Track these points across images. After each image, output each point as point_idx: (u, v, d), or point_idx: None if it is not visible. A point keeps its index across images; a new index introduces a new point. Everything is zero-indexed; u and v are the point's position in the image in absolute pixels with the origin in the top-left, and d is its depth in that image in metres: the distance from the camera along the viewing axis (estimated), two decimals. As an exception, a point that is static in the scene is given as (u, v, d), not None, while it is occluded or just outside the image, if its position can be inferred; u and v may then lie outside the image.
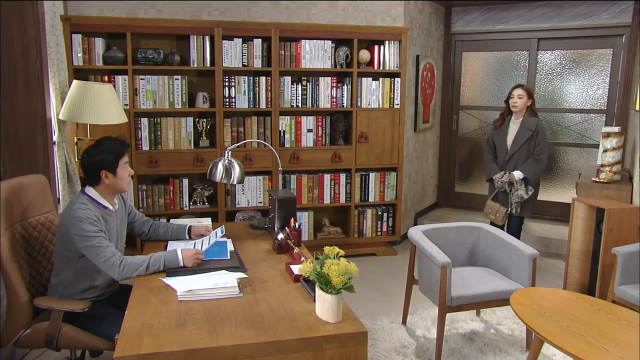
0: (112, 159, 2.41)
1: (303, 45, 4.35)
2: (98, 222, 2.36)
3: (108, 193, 2.49)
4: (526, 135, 4.07)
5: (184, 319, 1.97)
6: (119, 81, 4.03)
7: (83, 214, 2.32)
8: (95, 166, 2.41)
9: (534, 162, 4.07)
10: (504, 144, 4.19)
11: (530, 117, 4.11)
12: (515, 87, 4.15)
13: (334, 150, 4.53)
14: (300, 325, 1.92)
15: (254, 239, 2.96)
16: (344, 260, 1.94)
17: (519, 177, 4.08)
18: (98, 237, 2.32)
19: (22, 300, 2.34)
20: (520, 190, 4.10)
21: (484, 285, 3.07)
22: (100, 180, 2.43)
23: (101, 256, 2.30)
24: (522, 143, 4.08)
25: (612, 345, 2.18)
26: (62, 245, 2.42)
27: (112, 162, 2.41)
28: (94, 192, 2.45)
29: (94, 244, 2.30)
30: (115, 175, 2.43)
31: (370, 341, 3.28)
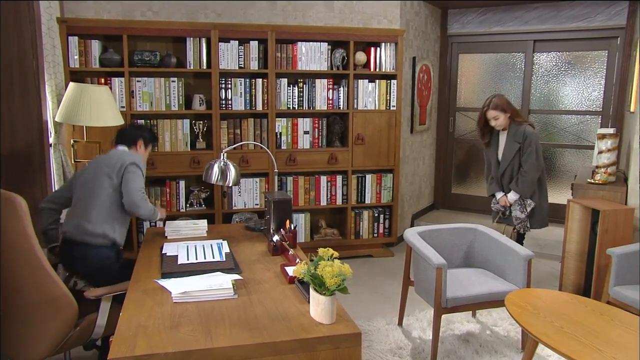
0: (149, 138, 3.10)
1: (299, 47, 4.36)
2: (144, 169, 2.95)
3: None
4: (514, 148, 3.76)
5: (178, 320, 1.97)
6: (115, 83, 4.04)
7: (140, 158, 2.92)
8: (138, 135, 3.05)
9: (521, 178, 3.76)
10: (494, 159, 3.92)
11: (516, 126, 3.75)
12: (487, 109, 3.74)
13: (330, 152, 4.53)
14: (295, 326, 1.93)
15: (250, 240, 2.96)
16: (338, 262, 1.95)
17: (513, 200, 3.83)
18: (143, 176, 2.89)
19: (69, 298, 2.33)
20: (515, 212, 3.84)
21: (480, 286, 3.08)
22: (134, 146, 3.02)
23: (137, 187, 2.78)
24: (511, 157, 3.78)
25: (606, 345, 2.19)
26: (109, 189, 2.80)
27: (148, 140, 3.09)
28: (126, 149, 3.00)
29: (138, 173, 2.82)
30: (145, 150, 3.08)
31: (366, 342, 3.28)
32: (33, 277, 2.30)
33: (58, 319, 2.35)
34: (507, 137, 3.81)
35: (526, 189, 3.77)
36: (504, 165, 3.84)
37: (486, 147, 3.98)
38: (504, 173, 3.86)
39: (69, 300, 2.34)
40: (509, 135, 3.78)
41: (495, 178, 3.93)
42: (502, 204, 3.90)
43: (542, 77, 5.55)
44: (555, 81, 5.49)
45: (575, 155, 5.50)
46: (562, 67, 5.44)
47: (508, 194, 3.86)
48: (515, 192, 3.81)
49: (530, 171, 3.72)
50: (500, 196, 3.91)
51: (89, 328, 2.50)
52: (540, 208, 3.85)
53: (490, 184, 4.00)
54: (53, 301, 2.32)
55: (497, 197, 3.94)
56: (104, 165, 2.82)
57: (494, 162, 3.93)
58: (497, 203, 3.95)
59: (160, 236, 3.02)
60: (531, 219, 3.85)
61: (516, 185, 3.79)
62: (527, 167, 3.72)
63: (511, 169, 3.82)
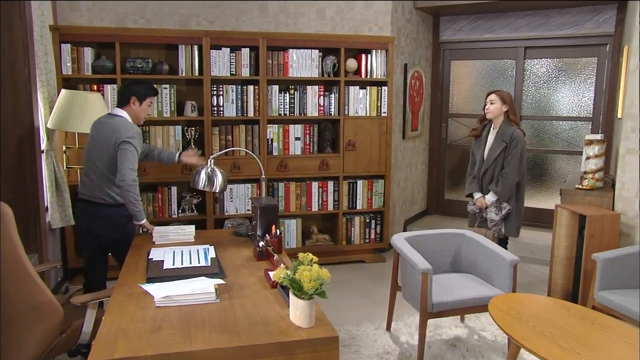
0: (143, 92, 3.07)
1: (290, 54, 4.40)
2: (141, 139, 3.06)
3: (133, 118, 3.08)
4: (500, 147, 3.78)
5: (159, 324, 1.99)
6: (108, 90, 4.08)
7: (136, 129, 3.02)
8: (130, 92, 3.05)
9: (501, 179, 3.78)
10: (480, 156, 3.94)
11: (507, 126, 3.79)
12: (490, 93, 3.86)
13: (321, 158, 4.57)
14: (274, 330, 1.95)
15: (237, 245, 2.99)
16: (316, 267, 1.97)
17: (490, 201, 3.85)
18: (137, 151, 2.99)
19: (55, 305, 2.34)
20: (490, 213, 3.86)
21: (466, 291, 3.10)
22: (129, 104, 3.05)
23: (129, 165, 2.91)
24: (495, 156, 3.80)
25: (584, 349, 2.21)
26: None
27: (142, 95, 3.06)
28: (125, 114, 3.06)
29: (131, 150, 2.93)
30: (141, 105, 3.07)
31: (354, 347, 3.30)
32: (18, 284, 2.31)
33: (43, 325, 2.36)
34: (495, 136, 3.85)
35: (505, 191, 3.80)
36: (488, 163, 3.85)
37: (474, 141, 4.02)
38: (486, 171, 3.88)
39: (54, 306, 2.36)
40: (498, 134, 3.83)
41: (477, 176, 3.95)
42: (479, 205, 3.93)
43: (534, 84, 5.59)
44: (547, 87, 5.53)
45: (566, 161, 5.53)
46: (553, 73, 5.49)
47: (486, 196, 3.89)
48: (494, 194, 3.83)
49: (511, 174, 3.76)
50: (477, 197, 3.94)
51: (75, 334, 2.52)
52: (516, 214, 3.88)
53: (470, 182, 4.02)
54: (38, 308, 2.34)
55: (474, 198, 3.98)
56: (106, 135, 3.00)
57: (478, 158, 3.95)
58: (474, 204, 3.98)
59: (148, 241, 3.04)
60: (506, 225, 3.88)
61: (495, 186, 3.82)
62: (508, 169, 3.76)
63: (493, 169, 3.84)
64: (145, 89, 3.11)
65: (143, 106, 3.11)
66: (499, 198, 3.83)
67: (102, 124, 3.09)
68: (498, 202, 3.84)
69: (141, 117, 3.14)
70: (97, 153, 3.02)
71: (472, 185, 4.00)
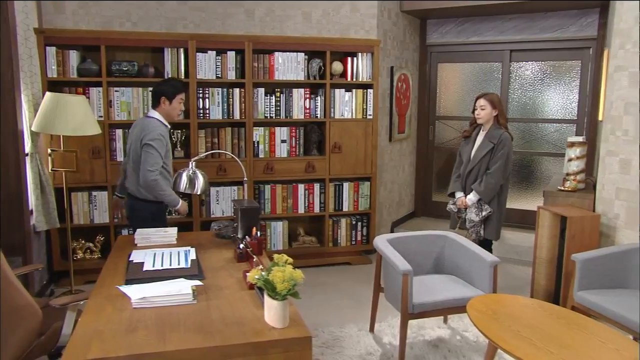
0: (171, 92, 3.26)
1: (276, 57, 4.43)
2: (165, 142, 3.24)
3: (165, 116, 3.30)
4: (487, 147, 3.79)
5: (135, 325, 2.01)
6: (93, 93, 4.09)
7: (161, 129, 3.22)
8: (159, 93, 3.26)
9: (485, 178, 3.79)
10: (467, 157, 3.96)
11: (496, 129, 3.82)
12: (478, 97, 3.88)
13: (307, 161, 4.59)
14: (248, 330, 1.97)
15: (218, 247, 3.01)
16: (289, 267, 2.00)
17: (472, 201, 3.85)
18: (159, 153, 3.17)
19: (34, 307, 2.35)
20: (470, 214, 3.86)
21: (446, 292, 3.13)
22: (160, 104, 3.27)
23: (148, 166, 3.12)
24: (482, 156, 3.81)
25: (558, 348, 2.24)
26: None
27: (170, 94, 3.25)
28: (157, 114, 3.28)
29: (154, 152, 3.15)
30: (171, 104, 3.27)
31: (336, 348, 3.32)
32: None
33: (22, 328, 2.36)
34: (484, 137, 3.87)
35: (488, 192, 3.79)
36: (474, 163, 3.87)
37: (464, 143, 4.02)
38: (471, 171, 3.89)
39: (33, 309, 2.37)
40: (486, 136, 3.85)
41: (462, 175, 3.96)
42: (460, 205, 3.94)
43: (520, 86, 5.64)
44: (533, 90, 5.58)
45: (552, 163, 5.57)
46: (539, 76, 5.53)
47: (468, 195, 3.90)
48: (476, 193, 3.82)
49: (496, 175, 3.76)
50: (459, 196, 3.96)
51: (55, 337, 2.52)
52: (497, 217, 3.87)
53: (454, 181, 4.03)
54: (17, 310, 2.34)
55: (456, 197, 3.99)
56: (136, 136, 3.27)
57: (465, 158, 3.97)
58: (454, 203, 3.99)
59: (130, 244, 3.06)
60: (486, 227, 3.87)
61: (479, 186, 3.81)
62: (494, 170, 3.76)
63: (478, 169, 3.85)
64: (172, 87, 3.29)
65: (174, 104, 3.29)
66: (481, 198, 3.82)
67: (136, 125, 3.35)
68: (479, 203, 3.85)
69: (174, 115, 3.34)
70: (132, 151, 3.32)
71: (455, 184, 4.01)
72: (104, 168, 4.16)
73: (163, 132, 3.25)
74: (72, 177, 4.00)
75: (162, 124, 3.29)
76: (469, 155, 3.94)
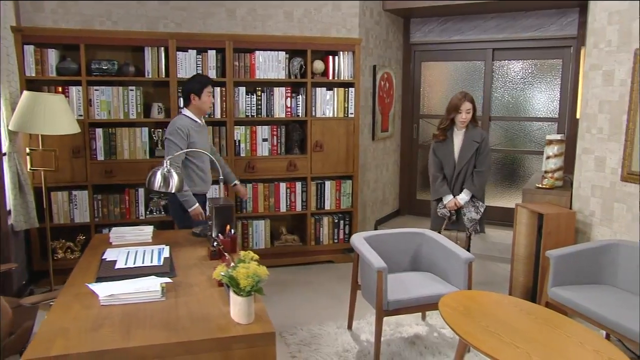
0: (197, 87, 3.42)
1: (257, 56, 4.43)
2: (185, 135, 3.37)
3: (197, 112, 3.49)
4: (473, 147, 3.85)
5: (101, 322, 2.01)
6: (73, 92, 4.08)
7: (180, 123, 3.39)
8: (187, 91, 3.43)
9: (477, 176, 3.87)
10: (450, 159, 3.93)
11: (473, 127, 3.88)
12: (463, 100, 3.79)
13: (289, 159, 4.60)
14: (213, 326, 1.98)
15: (193, 245, 3.01)
16: (254, 264, 2.01)
17: (464, 201, 3.90)
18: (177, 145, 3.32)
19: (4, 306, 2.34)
20: (470, 213, 3.90)
21: (421, 289, 3.15)
22: (190, 101, 3.45)
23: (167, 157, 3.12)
24: (469, 157, 3.86)
25: (524, 342, 2.26)
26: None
27: (198, 89, 3.42)
28: (187, 111, 3.48)
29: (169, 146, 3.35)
30: (200, 99, 3.43)
31: (314, 346, 3.33)
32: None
33: None
34: (464, 137, 3.88)
35: (481, 189, 3.93)
36: (461, 165, 3.88)
37: (440, 145, 3.94)
38: (459, 174, 3.91)
39: (3, 309, 2.37)
40: (467, 136, 3.86)
41: (448, 179, 3.95)
42: (450, 208, 3.95)
43: (503, 85, 5.67)
44: (516, 89, 5.62)
45: (534, 161, 5.61)
46: (522, 75, 5.57)
47: (458, 196, 3.93)
48: (469, 192, 3.89)
49: (487, 172, 3.93)
50: (449, 200, 3.96)
51: (25, 335, 2.53)
52: (486, 211, 3.99)
53: (440, 186, 3.97)
54: (-15, 309, 2.35)
55: (444, 201, 3.99)
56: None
57: (448, 161, 3.93)
58: (444, 207, 3.98)
59: (105, 242, 3.05)
60: (480, 222, 3.95)
61: (472, 184, 3.88)
62: (484, 168, 3.89)
63: (466, 170, 3.90)
64: (198, 82, 3.44)
65: (203, 98, 3.45)
66: (474, 196, 3.90)
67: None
68: (473, 200, 3.91)
69: (205, 108, 3.51)
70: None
71: (442, 188, 3.97)
72: (84, 167, 4.15)
73: (183, 126, 3.37)
74: (51, 177, 4.00)
75: (188, 119, 3.44)
76: (451, 157, 3.93)
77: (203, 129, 3.60)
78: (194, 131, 3.45)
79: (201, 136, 3.53)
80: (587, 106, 3.75)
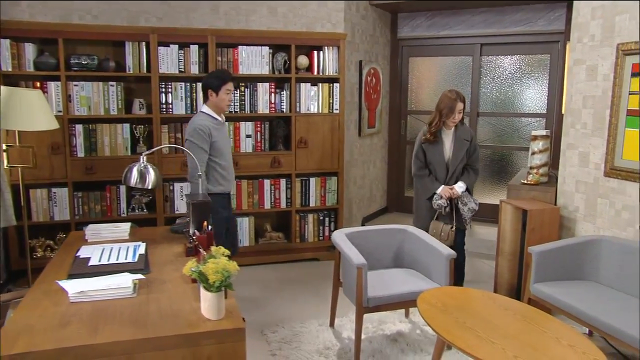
0: (216, 84, 3.29)
1: (240, 51, 4.38)
2: (207, 135, 3.25)
3: (215, 109, 3.36)
4: (464, 146, 3.78)
5: (69, 319, 1.96)
6: (51, 87, 4.02)
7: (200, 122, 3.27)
8: (205, 86, 3.33)
9: (473, 173, 3.86)
10: (441, 159, 3.81)
11: (462, 125, 3.83)
12: (457, 101, 3.67)
13: (273, 156, 4.55)
14: (183, 322, 1.94)
15: (170, 242, 2.96)
16: (224, 259, 1.97)
17: (461, 191, 3.80)
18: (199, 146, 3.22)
19: None
20: (470, 203, 3.79)
21: (402, 285, 3.12)
22: (208, 98, 3.33)
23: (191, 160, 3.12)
24: (462, 156, 3.80)
25: (500, 338, 2.24)
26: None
27: (216, 86, 3.29)
28: (206, 108, 3.37)
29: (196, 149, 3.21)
30: (217, 95, 3.30)
31: (294, 344, 3.30)
32: None
33: None
34: (454, 137, 3.80)
35: (474, 183, 3.96)
36: (455, 164, 3.80)
37: (430, 146, 3.81)
38: (453, 173, 3.82)
39: None
40: (457, 135, 3.79)
41: (441, 179, 3.82)
42: (445, 194, 3.76)
43: (491, 80, 5.64)
44: (504, 84, 5.59)
45: (523, 157, 5.59)
46: (510, 70, 5.55)
47: (455, 184, 3.80)
48: (464, 184, 3.82)
49: (479, 168, 3.96)
50: (441, 189, 3.79)
51: None
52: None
53: (431, 182, 3.82)
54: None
55: (438, 192, 3.79)
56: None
57: (439, 162, 3.82)
58: (441, 198, 3.77)
59: (81, 239, 3.00)
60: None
61: (468, 179, 3.86)
62: (478, 164, 3.91)
63: (459, 169, 3.86)
64: (216, 78, 3.32)
65: (221, 95, 3.32)
66: (468, 189, 3.86)
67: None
68: (467, 193, 3.84)
69: (222, 106, 3.37)
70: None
71: (435, 183, 3.82)
72: (64, 164, 4.09)
73: (202, 125, 3.25)
74: (30, 174, 3.93)
75: (208, 117, 3.33)
76: (442, 158, 3.82)
77: (223, 126, 3.45)
78: (214, 129, 3.31)
79: (221, 134, 3.41)
80: (571, 101, 3.73)
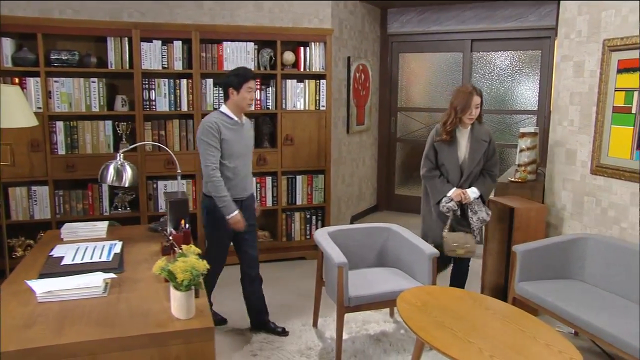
0: (236, 82, 3.12)
1: (224, 47, 4.32)
2: (216, 131, 3.07)
3: (235, 109, 3.18)
4: (482, 148, 3.34)
5: (35, 319, 1.92)
6: (30, 83, 3.94)
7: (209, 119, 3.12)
8: (226, 84, 3.17)
9: (490, 179, 3.40)
10: (454, 161, 3.37)
11: (479, 124, 3.38)
12: (473, 94, 3.25)
13: (259, 153, 4.49)
14: (151, 322, 1.90)
15: (147, 241, 2.91)
16: (193, 258, 1.92)
17: (474, 197, 3.34)
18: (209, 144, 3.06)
19: None
20: (481, 212, 3.37)
21: (384, 285, 3.07)
22: (229, 97, 3.17)
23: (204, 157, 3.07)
24: (479, 158, 3.35)
25: (478, 338, 2.19)
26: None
27: (236, 84, 3.11)
28: (224, 107, 3.21)
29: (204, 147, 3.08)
30: (238, 93, 3.12)
31: (277, 344, 3.25)
32: None
33: None
34: (471, 136, 3.36)
35: (490, 190, 3.48)
36: (471, 168, 3.36)
37: (444, 146, 3.37)
38: (468, 177, 3.38)
39: None
40: (474, 134, 3.36)
41: (454, 183, 3.38)
42: (455, 197, 3.33)
43: (482, 77, 5.60)
44: (495, 80, 5.55)
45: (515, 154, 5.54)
46: (501, 66, 5.50)
47: (467, 189, 3.37)
48: (478, 191, 3.37)
49: (497, 173, 3.47)
50: (453, 191, 3.35)
51: None
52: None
53: (442, 184, 3.39)
54: None
55: (449, 194, 3.35)
56: None
57: (452, 164, 3.37)
58: (450, 201, 3.34)
59: (56, 238, 2.94)
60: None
61: (483, 185, 3.39)
62: (496, 169, 3.46)
63: (475, 174, 3.40)
64: (237, 76, 3.16)
65: (242, 94, 3.15)
66: (482, 196, 3.40)
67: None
68: (479, 200, 3.40)
69: (243, 105, 3.19)
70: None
71: (446, 185, 3.38)
72: (44, 162, 4.02)
73: (211, 122, 3.08)
74: (8, 171, 3.86)
75: (222, 115, 3.14)
76: (457, 160, 3.38)
77: (240, 127, 3.19)
78: (226, 128, 3.10)
79: (236, 135, 3.15)
80: (558, 98, 3.69)
